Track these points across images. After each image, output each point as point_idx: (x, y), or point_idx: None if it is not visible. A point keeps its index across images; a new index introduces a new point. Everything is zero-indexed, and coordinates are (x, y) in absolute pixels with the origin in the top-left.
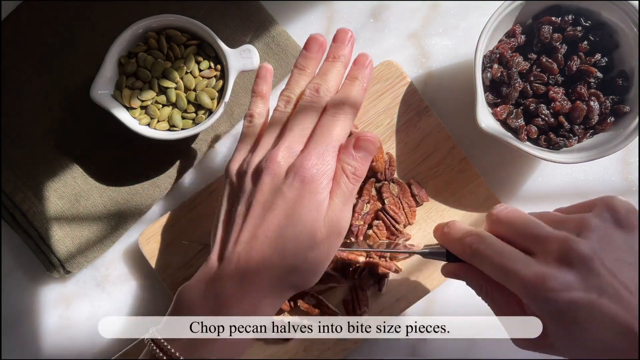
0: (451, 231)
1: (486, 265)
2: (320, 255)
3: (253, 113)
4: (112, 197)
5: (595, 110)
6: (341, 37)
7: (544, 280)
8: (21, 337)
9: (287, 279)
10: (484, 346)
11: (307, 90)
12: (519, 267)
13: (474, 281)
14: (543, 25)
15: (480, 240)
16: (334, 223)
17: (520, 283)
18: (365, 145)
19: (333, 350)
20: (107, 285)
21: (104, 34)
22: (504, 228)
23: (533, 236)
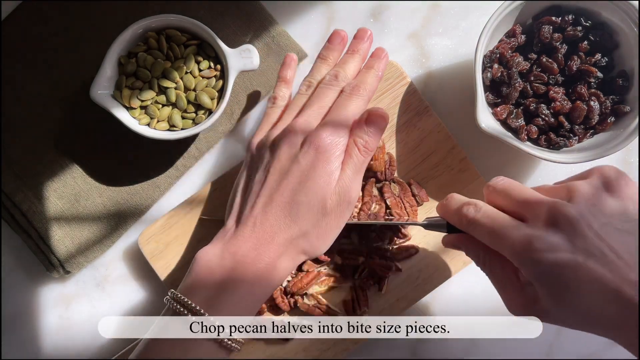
0: (449, 202)
1: (481, 232)
2: (330, 223)
3: (277, 96)
4: (112, 197)
5: (596, 110)
6: (361, 35)
7: (531, 241)
8: (21, 337)
9: (299, 243)
10: (484, 346)
11: (327, 75)
12: (509, 231)
13: (472, 251)
14: (543, 25)
15: (476, 209)
16: (344, 192)
17: (509, 246)
18: (376, 120)
19: (333, 350)
20: (107, 285)
21: (104, 34)
22: (499, 198)
23: (525, 202)
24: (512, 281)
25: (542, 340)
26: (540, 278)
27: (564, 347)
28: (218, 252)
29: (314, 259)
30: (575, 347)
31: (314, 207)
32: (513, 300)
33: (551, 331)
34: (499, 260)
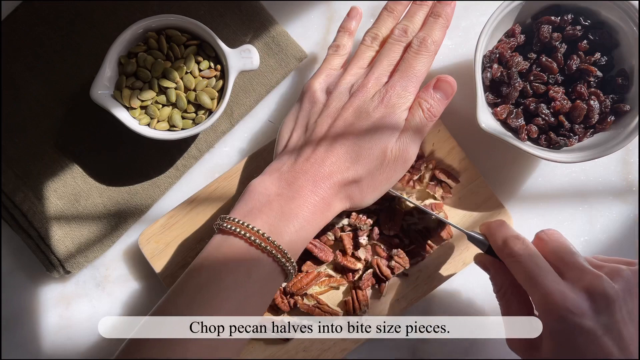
0: (499, 228)
1: (519, 268)
2: (383, 175)
3: (339, 44)
4: (112, 197)
5: (596, 109)
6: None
7: (565, 299)
8: (21, 337)
9: (351, 188)
10: (484, 346)
11: (396, 30)
12: (547, 281)
13: (498, 279)
14: (542, 25)
15: (522, 246)
16: (403, 148)
17: (542, 294)
18: (444, 87)
19: (333, 350)
20: (107, 285)
21: (104, 34)
22: (548, 248)
23: (573, 264)
24: None
25: None
26: (557, 333)
27: None
28: (275, 182)
29: (315, 259)
30: None
31: (374, 155)
32: (517, 339)
33: None
34: (518, 298)
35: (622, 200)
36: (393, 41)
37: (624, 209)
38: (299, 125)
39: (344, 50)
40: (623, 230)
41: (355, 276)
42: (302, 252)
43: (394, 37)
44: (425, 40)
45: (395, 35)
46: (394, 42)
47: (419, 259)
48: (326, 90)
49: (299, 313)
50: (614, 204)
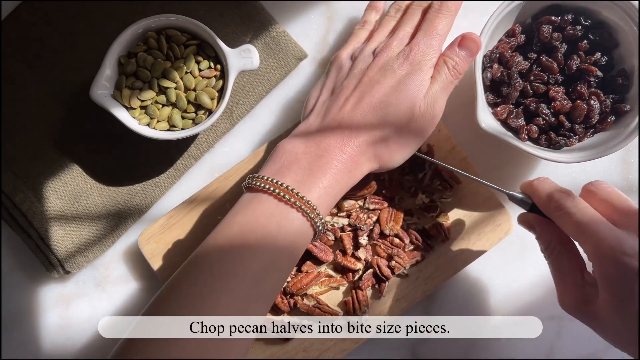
0: (542, 184)
1: (568, 221)
2: (412, 132)
3: (366, 20)
4: (112, 197)
5: (596, 109)
6: None
7: (622, 243)
8: (21, 337)
9: (379, 147)
10: (484, 346)
11: None
12: (601, 228)
13: (545, 236)
14: (543, 25)
15: (569, 198)
16: (430, 104)
17: (596, 241)
18: (468, 45)
19: (333, 350)
20: (107, 286)
21: (104, 34)
22: (598, 201)
23: (626, 210)
24: (574, 276)
25: (543, 341)
26: (613, 279)
27: (564, 348)
28: (302, 141)
29: (315, 259)
30: (575, 347)
31: (402, 111)
32: (569, 294)
33: (552, 332)
34: (568, 252)
35: None
36: (415, 6)
37: None
38: (325, 90)
39: (370, 25)
40: None
41: (355, 276)
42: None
43: (416, 3)
44: (444, 1)
45: (416, 2)
46: (415, 7)
47: (419, 259)
48: (351, 57)
49: (299, 313)
50: None
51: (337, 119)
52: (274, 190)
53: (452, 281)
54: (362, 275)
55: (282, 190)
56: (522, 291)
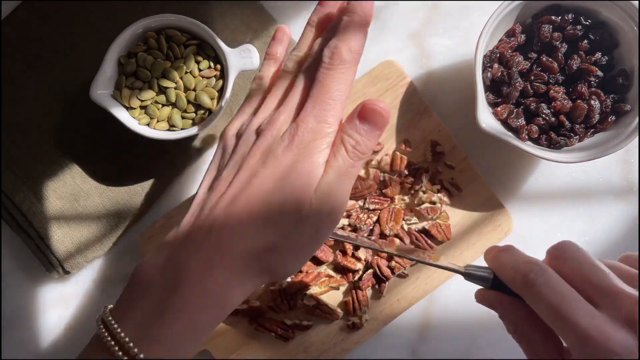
0: (507, 255)
1: (540, 302)
2: (305, 233)
3: (262, 75)
4: (112, 197)
5: (596, 109)
6: None
7: (608, 339)
8: (21, 337)
9: (264, 258)
10: (484, 346)
11: (315, 45)
12: (580, 317)
13: (510, 317)
14: (543, 25)
15: (541, 273)
16: (326, 197)
17: (578, 335)
18: (371, 117)
19: (333, 350)
20: (107, 285)
21: (104, 34)
22: (567, 268)
23: (603, 287)
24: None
25: None
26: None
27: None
28: (161, 263)
29: (315, 259)
30: None
31: (288, 212)
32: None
33: None
34: (540, 333)
35: (623, 200)
36: (311, 59)
37: (624, 209)
38: (205, 182)
39: (267, 81)
40: (623, 230)
41: (355, 276)
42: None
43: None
44: (338, 49)
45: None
46: (311, 62)
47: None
48: (238, 136)
49: (298, 313)
50: (614, 204)
51: (206, 225)
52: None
53: (452, 281)
54: (362, 275)
55: (117, 342)
56: None
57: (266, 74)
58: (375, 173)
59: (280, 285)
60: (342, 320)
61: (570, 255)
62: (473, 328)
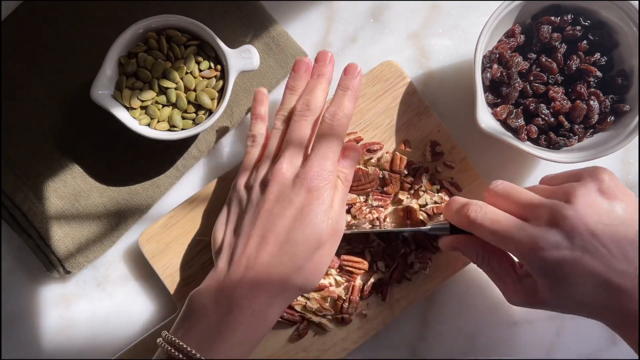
0: (451, 204)
1: (483, 232)
2: (324, 254)
3: (255, 134)
4: (112, 197)
5: (595, 109)
6: (322, 57)
7: (536, 241)
8: (21, 337)
9: (295, 279)
10: (484, 346)
11: (297, 106)
12: (514, 231)
13: (471, 250)
14: (542, 25)
15: (477, 210)
16: (335, 223)
17: (515, 245)
18: (351, 155)
19: (333, 350)
20: (107, 285)
21: (104, 34)
22: (501, 200)
23: (527, 204)
24: (510, 275)
25: (542, 341)
26: (544, 273)
27: (564, 347)
28: (212, 295)
29: None
30: (575, 347)
31: (311, 243)
32: (512, 292)
33: (551, 331)
34: (496, 256)
35: None
36: (297, 117)
37: None
38: (228, 228)
39: (260, 138)
40: None
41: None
42: None
43: (297, 113)
44: (336, 113)
45: (298, 111)
46: (299, 118)
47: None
48: (249, 186)
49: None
50: None
51: (243, 263)
52: (177, 354)
53: (452, 281)
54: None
55: (185, 355)
56: None
57: (258, 131)
58: (374, 171)
59: None
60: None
61: (501, 189)
62: (473, 328)
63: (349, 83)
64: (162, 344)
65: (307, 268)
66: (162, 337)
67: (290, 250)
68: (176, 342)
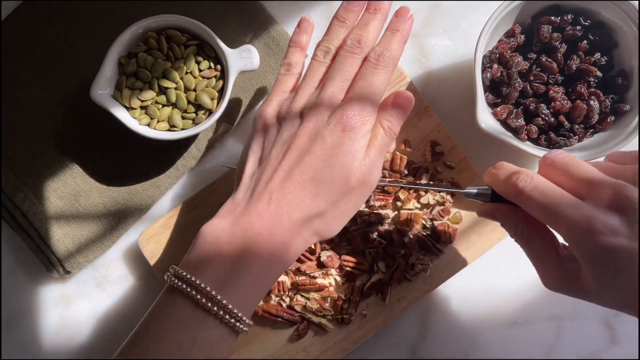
0: (499, 170)
1: (532, 205)
2: (348, 203)
3: (290, 62)
4: (112, 197)
5: (595, 109)
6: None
7: (593, 223)
8: (21, 337)
9: (314, 223)
10: (484, 346)
11: (348, 41)
12: (567, 209)
13: (511, 222)
14: (542, 25)
15: (528, 179)
16: (368, 172)
17: (567, 225)
18: (402, 103)
19: (333, 350)
20: (107, 285)
21: (104, 34)
22: (557, 172)
23: (587, 180)
24: (551, 255)
25: (542, 341)
26: (594, 259)
27: (564, 348)
28: (227, 227)
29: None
30: (575, 347)
31: (336, 186)
32: (551, 274)
33: (551, 332)
34: (538, 233)
35: None
36: (346, 53)
37: None
38: (252, 160)
39: (296, 68)
40: None
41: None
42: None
43: (346, 49)
44: (382, 54)
45: (347, 47)
46: (347, 55)
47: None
48: (277, 117)
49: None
50: None
51: (265, 197)
52: (190, 291)
53: (452, 281)
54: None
55: (199, 292)
56: (522, 291)
57: (294, 60)
58: None
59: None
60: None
61: (558, 160)
62: (473, 328)
63: (399, 25)
64: (170, 279)
65: (329, 214)
66: (170, 272)
67: (314, 191)
68: (187, 277)
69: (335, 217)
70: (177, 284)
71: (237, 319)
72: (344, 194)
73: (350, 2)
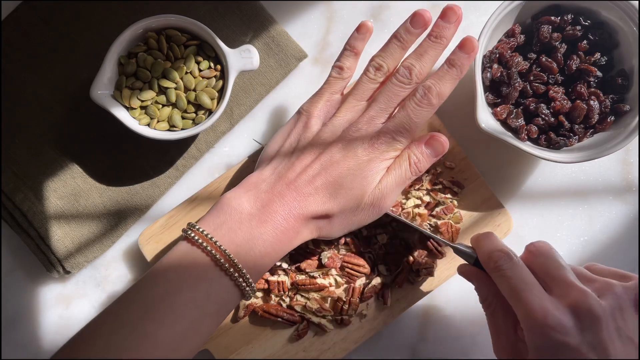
0: (485, 241)
1: (503, 284)
2: (355, 217)
3: (343, 66)
4: (112, 197)
5: (595, 109)
6: (449, 15)
7: (547, 316)
8: (21, 337)
9: (321, 220)
10: (484, 346)
11: (401, 69)
12: (530, 297)
13: (483, 290)
14: (542, 25)
15: (507, 259)
16: (380, 196)
17: (525, 310)
18: (435, 146)
19: (333, 350)
20: (107, 286)
21: (103, 34)
22: (537, 261)
23: (559, 279)
24: (508, 333)
25: None
26: (540, 349)
27: None
28: (250, 201)
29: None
30: None
31: (352, 197)
32: (502, 349)
33: None
34: (503, 309)
35: (622, 200)
36: (396, 82)
37: (624, 209)
38: (287, 145)
39: (348, 73)
40: (623, 231)
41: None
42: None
43: (397, 78)
44: (430, 91)
45: (399, 76)
46: (395, 84)
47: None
48: (321, 117)
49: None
50: (613, 204)
51: (291, 187)
52: (211, 250)
53: (452, 281)
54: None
55: (218, 252)
56: None
57: (347, 64)
58: None
59: None
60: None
61: (541, 252)
62: (473, 328)
63: (459, 61)
64: (189, 233)
65: (336, 218)
66: (188, 227)
67: (333, 193)
68: (212, 239)
69: (340, 224)
70: (198, 241)
71: (248, 283)
72: (355, 207)
73: (414, 23)
